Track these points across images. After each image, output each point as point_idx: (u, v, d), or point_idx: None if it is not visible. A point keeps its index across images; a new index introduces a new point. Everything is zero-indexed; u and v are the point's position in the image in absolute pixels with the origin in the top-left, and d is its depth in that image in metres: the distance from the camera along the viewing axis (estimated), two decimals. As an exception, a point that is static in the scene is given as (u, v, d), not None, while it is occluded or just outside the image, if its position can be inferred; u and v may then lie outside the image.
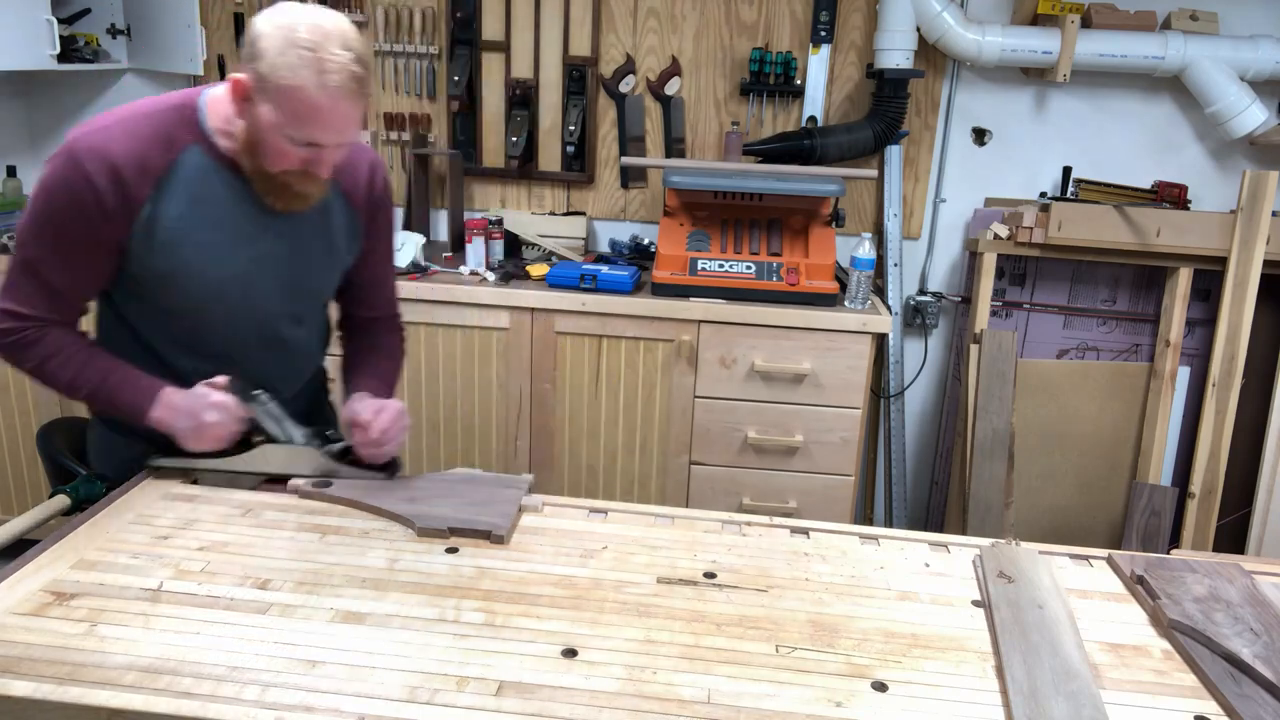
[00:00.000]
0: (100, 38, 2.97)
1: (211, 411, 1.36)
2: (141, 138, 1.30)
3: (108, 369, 1.38)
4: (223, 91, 1.35)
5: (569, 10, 2.88)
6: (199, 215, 1.34)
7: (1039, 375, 2.87)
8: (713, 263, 2.56)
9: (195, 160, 1.33)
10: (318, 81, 1.20)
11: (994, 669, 1.05)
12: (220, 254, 1.37)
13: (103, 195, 1.27)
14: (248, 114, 1.27)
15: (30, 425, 2.78)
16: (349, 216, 1.50)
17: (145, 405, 1.37)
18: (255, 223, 1.38)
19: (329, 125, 1.24)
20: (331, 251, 1.50)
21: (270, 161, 1.29)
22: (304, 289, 1.50)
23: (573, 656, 1.02)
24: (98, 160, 1.27)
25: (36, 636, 1.00)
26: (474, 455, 2.67)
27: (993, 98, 2.90)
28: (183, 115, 1.34)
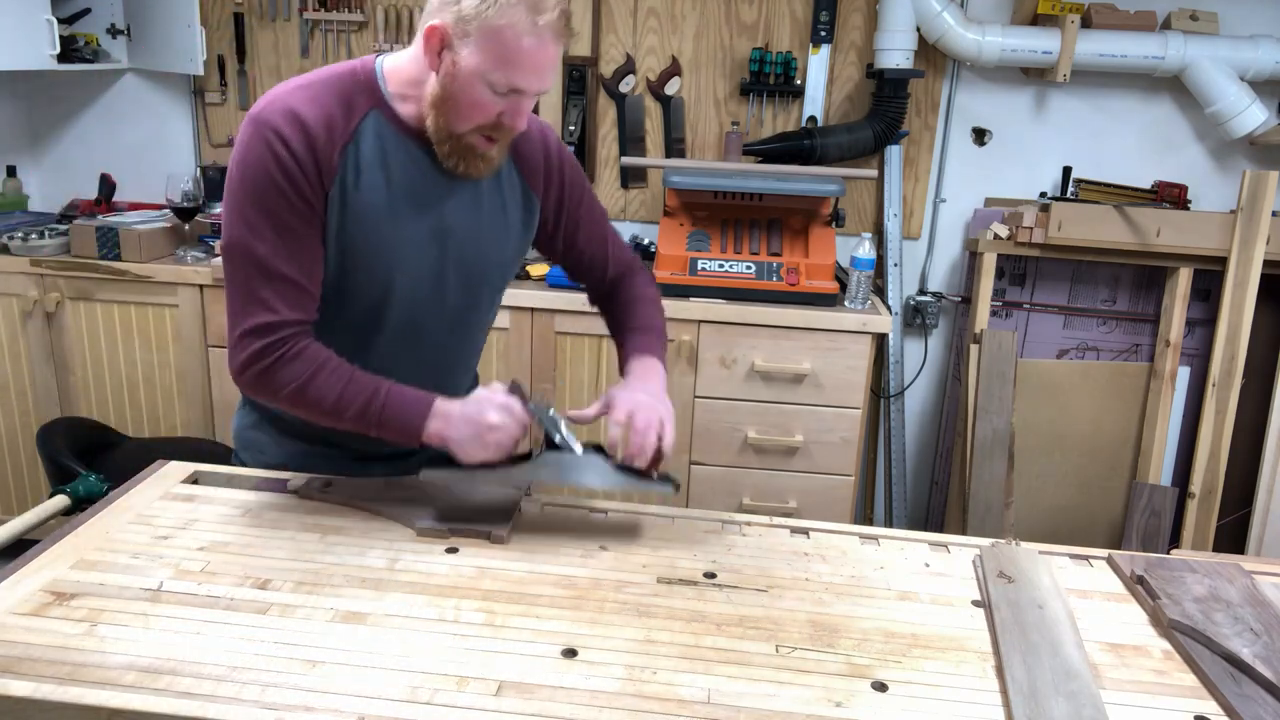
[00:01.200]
0: (100, 38, 2.97)
1: (495, 412, 1.23)
2: (324, 102, 1.23)
3: (375, 384, 1.25)
4: (402, 57, 1.29)
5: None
6: (385, 182, 1.27)
7: (1039, 375, 2.87)
8: (713, 263, 2.56)
9: (376, 126, 1.26)
10: (530, 20, 1.13)
11: (994, 669, 1.05)
12: (407, 226, 1.29)
13: (302, 159, 1.20)
14: (442, 63, 1.19)
15: (30, 425, 2.78)
16: (523, 190, 1.41)
17: (420, 419, 1.24)
18: (437, 191, 1.31)
19: (536, 68, 1.17)
20: (506, 223, 1.40)
21: (463, 115, 1.21)
22: (487, 262, 1.40)
23: (573, 656, 1.02)
24: (289, 123, 1.20)
25: (36, 636, 1.00)
26: (474, 455, 2.67)
27: (993, 98, 2.90)
28: (360, 80, 1.27)
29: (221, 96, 3.07)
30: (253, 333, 1.23)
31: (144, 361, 2.74)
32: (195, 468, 1.45)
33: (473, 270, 1.39)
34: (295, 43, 3.00)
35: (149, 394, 2.76)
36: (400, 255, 1.30)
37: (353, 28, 2.96)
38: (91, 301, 2.69)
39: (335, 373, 1.24)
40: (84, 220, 2.70)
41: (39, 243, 2.67)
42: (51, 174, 3.22)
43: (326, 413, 1.25)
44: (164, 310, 2.68)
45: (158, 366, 2.74)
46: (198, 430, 2.77)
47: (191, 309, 2.66)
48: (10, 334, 2.74)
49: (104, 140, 3.16)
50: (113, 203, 3.03)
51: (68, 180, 3.18)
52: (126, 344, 2.73)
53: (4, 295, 2.71)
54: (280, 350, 1.23)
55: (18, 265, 2.65)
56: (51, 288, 2.68)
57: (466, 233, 1.36)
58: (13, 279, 2.68)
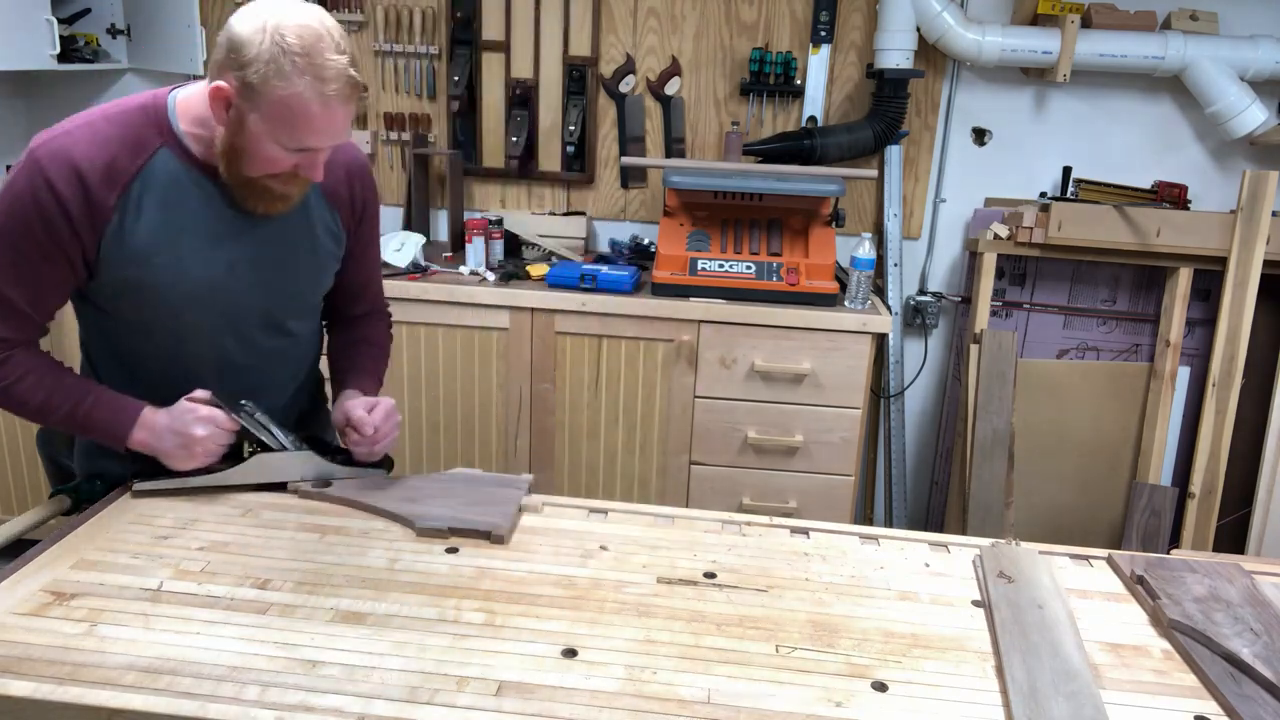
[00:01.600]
0: (100, 38, 2.97)
1: (199, 425, 1.30)
2: (108, 141, 1.23)
3: (82, 390, 1.31)
4: (193, 91, 1.29)
5: (569, 10, 2.88)
6: (171, 221, 1.28)
7: (1039, 375, 2.87)
8: (713, 263, 2.56)
9: (165, 164, 1.27)
10: (316, 90, 1.15)
11: (994, 669, 1.05)
12: (195, 260, 1.30)
13: (68, 204, 1.21)
14: (230, 121, 1.20)
15: (30, 425, 2.76)
16: (331, 216, 1.44)
17: (125, 427, 1.30)
18: (232, 226, 1.32)
19: (326, 131, 1.20)
20: (316, 252, 1.43)
21: (256, 167, 1.24)
22: (288, 293, 1.43)
23: (573, 656, 1.02)
24: (62, 166, 1.20)
25: (36, 636, 1.00)
26: (474, 455, 2.67)
27: (993, 98, 2.90)
28: (151, 116, 1.27)
29: (221, 96, 3.07)
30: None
31: (144, 361, 2.73)
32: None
33: (278, 300, 1.42)
34: (295, 43, 3.00)
35: (149, 394, 2.76)
36: (192, 291, 1.32)
37: (353, 28, 2.96)
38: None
39: (42, 379, 1.30)
40: (84, 220, 2.70)
41: (39, 243, 2.66)
42: (51, 174, 3.21)
43: (33, 413, 1.31)
44: (164, 310, 2.68)
45: (158, 366, 2.73)
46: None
47: (191, 309, 2.66)
48: (10, 334, 2.74)
49: (104, 140, 3.16)
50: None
51: (68, 180, 3.18)
52: (126, 344, 2.72)
53: (4, 295, 2.70)
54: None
55: (18, 265, 2.65)
56: (51, 288, 2.67)
57: (269, 264, 1.38)
58: (13, 279, 2.67)
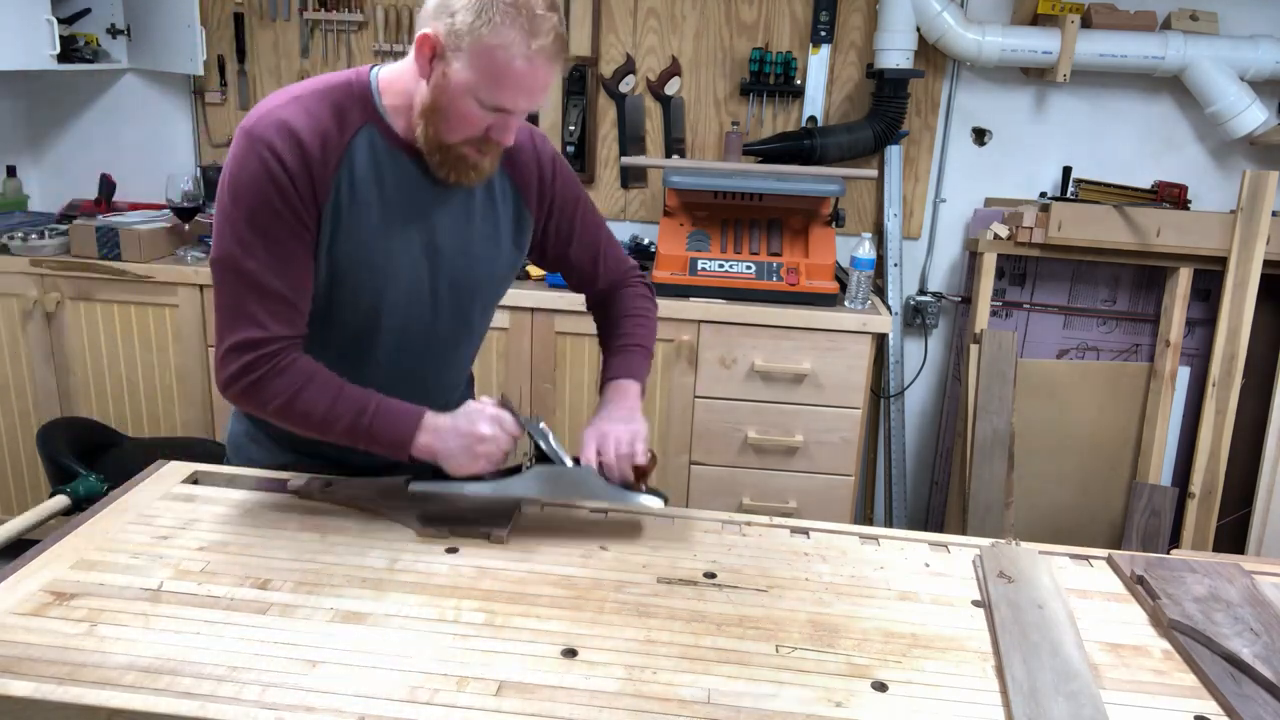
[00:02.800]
0: (100, 38, 2.97)
1: (486, 424, 1.23)
2: (319, 115, 1.21)
3: (364, 397, 1.24)
4: (395, 69, 1.27)
5: (569, 10, 2.88)
6: (377, 198, 1.26)
7: (1039, 375, 2.87)
8: (713, 263, 2.56)
9: (370, 140, 1.25)
10: (524, 42, 1.12)
11: (994, 669, 1.05)
12: (398, 241, 1.28)
13: (294, 173, 1.19)
14: (434, 73, 1.18)
15: (30, 425, 2.78)
16: (515, 205, 1.40)
17: (410, 432, 1.24)
18: (428, 206, 1.30)
19: (527, 90, 1.17)
20: (498, 244, 1.39)
21: (451, 127, 1.20)
22: (478, 277, 1.39)
23: (573, 656, 1.02)
24: (283, 136, 1.18)
25: (36, 636, 1.00)
26: (474, 455, 2.67)
27: (993, 98, 2.90)
28: (355, 92, 1.25)
29: (221, 96, 3.07)
30: (240, 347, 1.23)
31: (144, 361, 2.74)
32: (195, 468, 1.45)
33: (463, 285, 1.39)
34: (295, 43, 3.00)
35: (149, 394, 2.76)
36: (391, 271, 1.30)
37: (353, 28, 2.96)
38: (91, 301, 2.69)
39: (324, 386, 1.24)
40: (84, 220, 2.70)
41: (39, 243, 2.67)
42: (51, 174, 3.22)
43: (315, 426, 1.25)
44: (164, 310, 2.68)
45: (158, 366, 2.74)
46: (198, 430, 2.76)
47: (191, 309, 2.66)
48: (10, 334, 2.74)
49: (104, 140, 3.16)
50: (113, 203, 3.03)
51: (68, 180, 3.18)
52: (126, 344, 2.73)
53: (4, 295, 2.71)
54: (268, 365, 1.23)
55: (18, 265, 2.65)
56: (51, 288, 2.68)
57: (457, 248, 1.35)
58: (13, 279, 2.67)
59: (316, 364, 1.26)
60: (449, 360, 1.46)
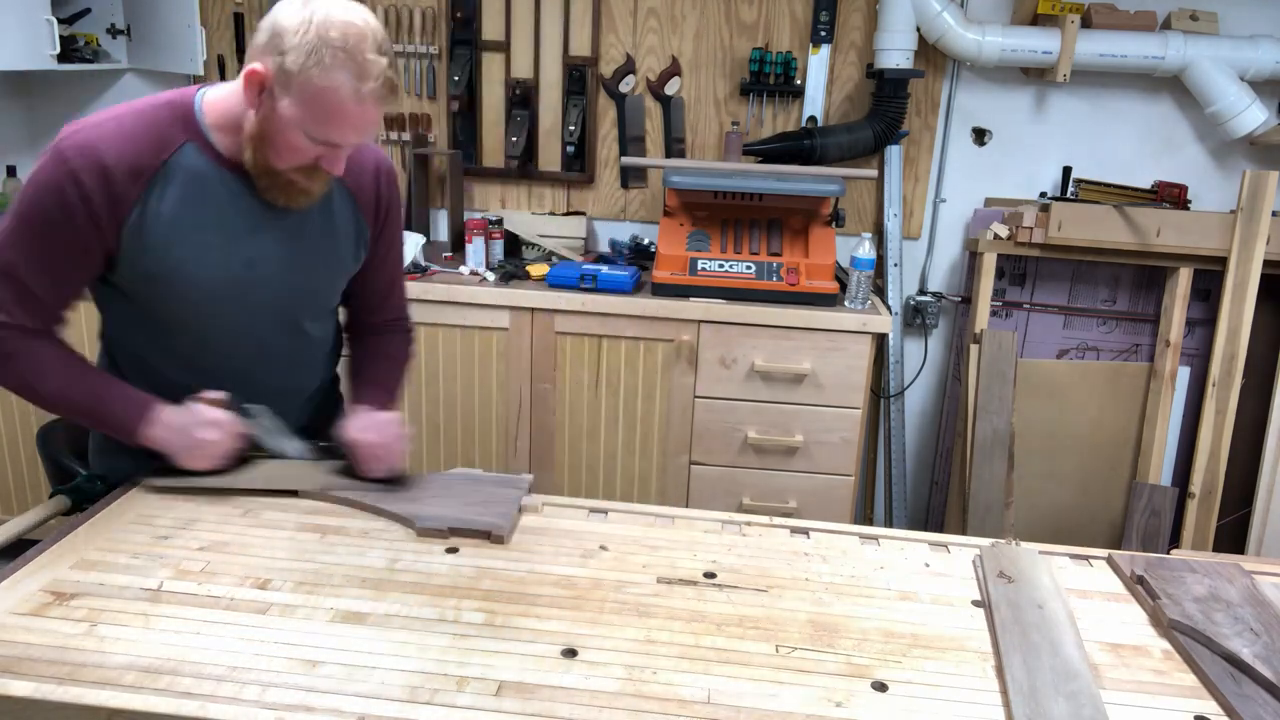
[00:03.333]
0: (100, 38, 2.97)
1: (208, 429, 1.32)
2: (134, 136, 1.25)
3: (96, 383, 1.33)
4: (221, 92, 1.31)
5: (569, 10, 2.88)
6: (193, 216, 1.29)
7: (1039, 375, 2.87)
8: (713, 263, 2.56)
9: (190, 159, 1.28)
10: (353, 86, 1.16)
11: (994, 669, 1.05)
12: (215, 255, 1.31)
13: (90, 196, 1.22)
14: (262, 106, 1.22)
15: (30, 425, 2.78)
16: (355, 220, 1.45)
17: (136, 423, 1.32)
18: (253, 223, 1.33)
19: (355, 128, 1.21)
20: (336, 254, 1.44)
21: (280, 157, 1.25)
22: (305, 292, 1.44)
23: (573, 656, 1.02)
24: (86, 159, 1.22)
25: (36, 636, 1.00)
26: (474, 455, 2.67)
27: (993, 98, 2.90)
28: (177, 112, 1.29)
29: (221, 96, 3.07)
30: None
31: (144, 361, 2.73)
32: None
33: (297, 298, 1.43)
34: (295, 43, 3.00)
35: (149, 394, 2.76)
36: (212, 287, 1.33)
37: (353, 28, 2.96)
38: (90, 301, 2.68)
39: (58, 371, 1.31)
40: (84, 220, 2.70)
41: (39, 243, 2.66)
42: (51, 174, 3.21)
43: (49, 403, 1.33)
44: (164, 310, 2.68)
45: (158, 366, 2.73)
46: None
47: (191, 309, 2.66)
48: (10, 334, 2.74)
49: (104, 140, 3.16)
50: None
51: (68, 180, 3.18)
52: (126, 344, 2.72)
53: (4, 295, 2.70)
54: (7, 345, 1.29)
55: (18, 265, 2.65)
56: (51, 288, 2.67)
57: (289, 262, 1.39)
58: (13, 279, 2.67)
59: (56, 351, 1.33)
60: (290, 366, 1.50)
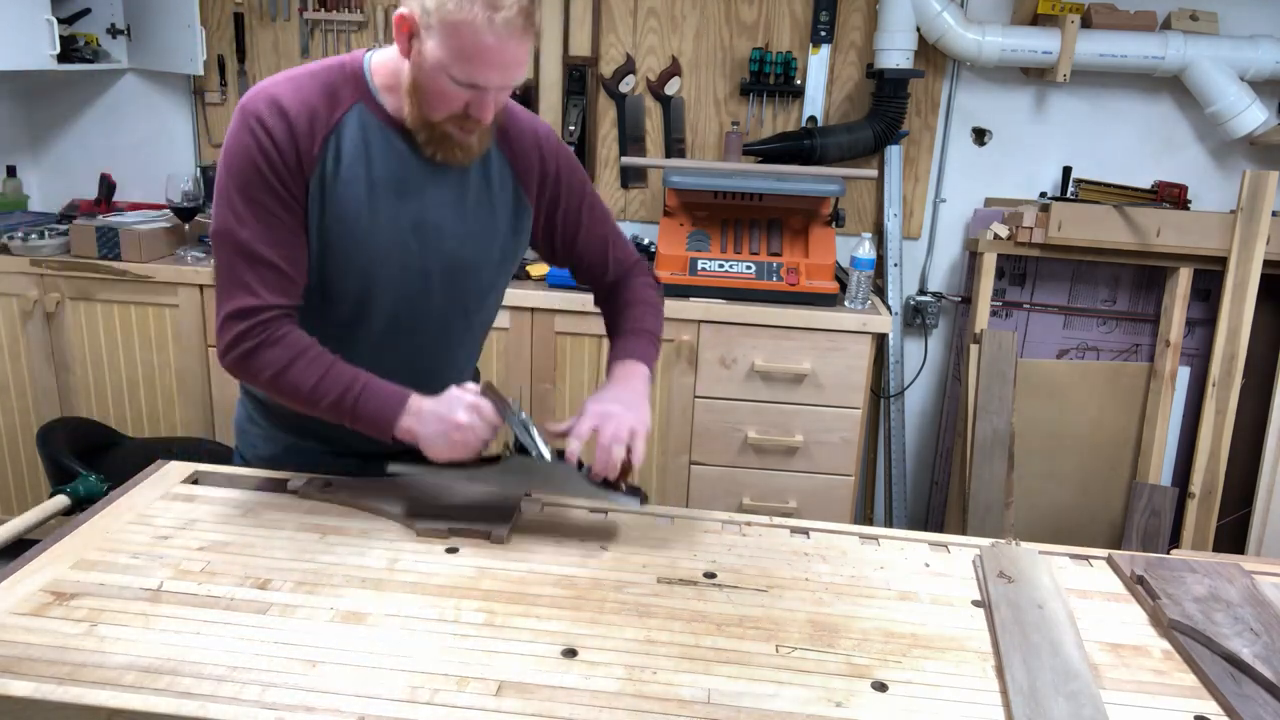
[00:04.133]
0: (100, 38, 2.97)
1: (464, 411, 1.24)
2: (309, 92, 1.26)
3: (352, 375, 1.27)
4: (389, 52, 1.30)
5: (569, 10, 2.88)
6: (364, 175, 1.28)
7: (1039, 375, 2.87)
8: (713, 263, 2.56)
9: (360, 118, 1.28)
10: (486, 17, 1.13)
11: (994, 669, 1.05)
12: (384, 216, 1.30)
13: (282, 146, 1.23)
14: (412, 52, 1.20)
15: (30, 425, 2.78)
16: (514, 192, 1.41)
17: (395, 414, 1.25)
18: (420, 184, 1.32)
19: (495, 65, 1.17)
20: (494, 223, 1.39)
21: (432, 105, 1.23)
22: (463, 261, 1.38)
23: (573, 656, 1.02)
24: (270, 111, 1.23)
25: (36, 636, 1.00)
26: (474, 455, 2.67)
27: (993, 98, 2.90)
28: (348, 73, 1.29)
29: (221, 96, 3.07)
30: (235, 316, 1.25)
31: (144, 361, 2.74)
32: (195, 468, 1.45)
33: (456, 266, 1.38)
34: (295, 43, 3.00)
35: (149, 394, 2.76)
36: (381, 248, 1.31)
37: (352, 28, 2.96)
38: (91, 301, 2.69)
39: (314, 361, 1.26)
40: (84, 220, 2.70)
41: (39, 243, 2.67)
42: (51, 174, 3.22)
43: (303, 399, 1.27)
44: (163, 310, 2.68)
45: (158, 366, 2.74)
46: (198, 430, 2.76)
47: (191, 309, 2.66)
48: (10, 334, 2.74)
49: (104, 140, 3.16)
50: (113, 203, 3.03)
51: (68, 180, 3.18)
52: (126, 344, 2.73)
53: (4, 295, 2.70)
54: (262, 334, 1.25)
55: (18, 265, 2.65)
56: (51, 288, 2.68)
57: (450, 227, 1.36)
58: (13, 279, 2.67)
59: (310, 338, 1.28)
60: (445, 347, 1.45)
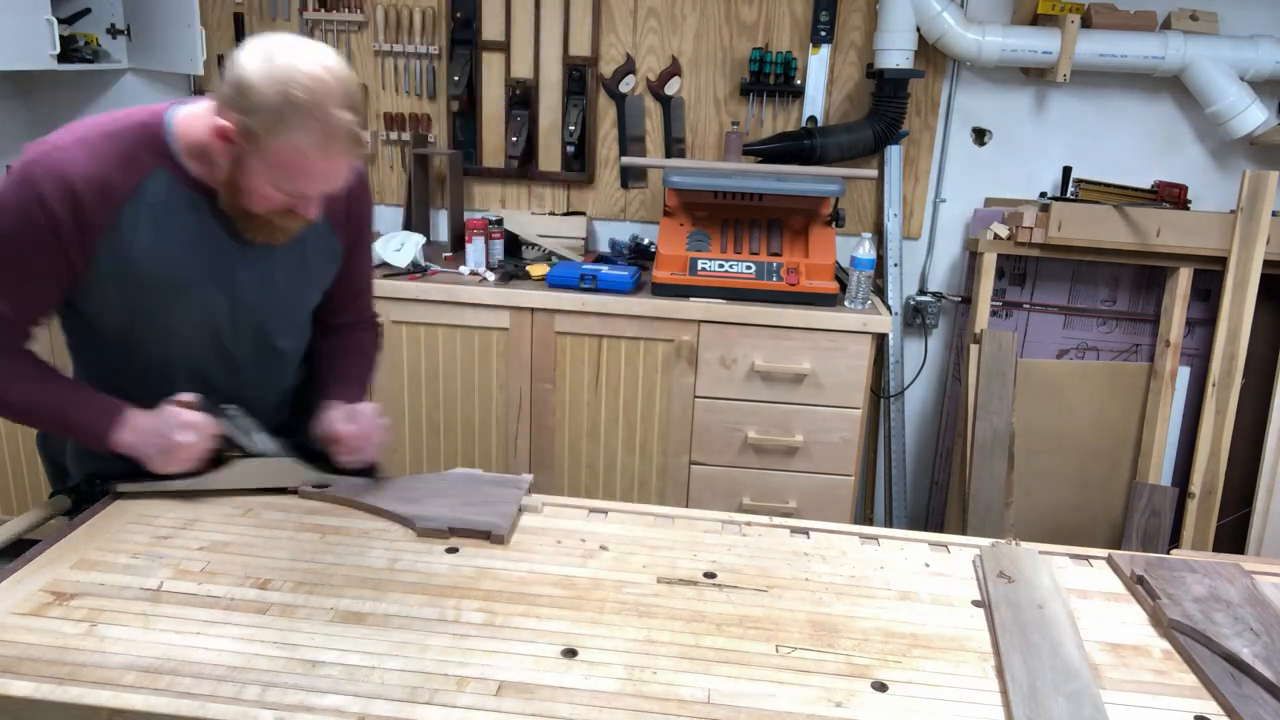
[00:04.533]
0: (100, 38, 2.97)
1: (182, 431, 1.28)
2: (104, 158, 1.21)
3: (64, 391, 1.30)
4: (192, 112, 1.26)
5: (569, 10, 2.88)
6: (164, 240, 1.26)
7: (1039, 375, 2.87)
8: (713, 263, 2.56)
9: (161, 185, 1.25)
10: (320, 145, 1.14)
11: (994, 669, 1.05)
12: (188, 279, 1.29)
13: (59, 220, 1.19)
14: (231, 158, 1.19)
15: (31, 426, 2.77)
16: (328, 235, 1.42)
17: (107, 428, 1.28)
18: (226, 247, 1.31)
19: (324, 180, 1.20)
20: (311, 273, 1.43)
21: (254, 203, 1.23)
22: (281, 314, 1.42)
23: (573, 656, 1.02)
24: (54, 182, 1.18)
25: (36, 636, 1.00)
26: (474, 455, 2.67)
27: (993, 98, 2.90)
28: (148, 134, 1.24)
29: (221, 96, 3.07)
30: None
31: (144, 361, 2.74)
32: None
33: (265, 322, 1.41)
34: (295, 43, 3.00)
35: (149, 394, 2.76)
36: (179, 310, 1.31)
37: (353, 28, 2.96)
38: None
39: (28, 377, 1.28)
40: (84, 220, 2.70)
41: (39, 243, 2.66)
42: (51, 174, 3.21)
43: (17, 414, 1.30)
44: (164, 310, 2.68)
45: (158, 366, 2.73)
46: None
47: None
48: (10, 334, 2.74)
49: (104, 140, 3.16)
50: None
51: (68, 180, 3.18)
52: (126, 344, 2.73)
53: (4, 295, 2.70)
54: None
55: (18, 265, 2.65)
56: (51, 288, 2.67)
57: (260, 290, 1.37)
58: (13, 279, 2.67)
59: (22, 360, 1.29)
60: (262, 378, 1.48)
